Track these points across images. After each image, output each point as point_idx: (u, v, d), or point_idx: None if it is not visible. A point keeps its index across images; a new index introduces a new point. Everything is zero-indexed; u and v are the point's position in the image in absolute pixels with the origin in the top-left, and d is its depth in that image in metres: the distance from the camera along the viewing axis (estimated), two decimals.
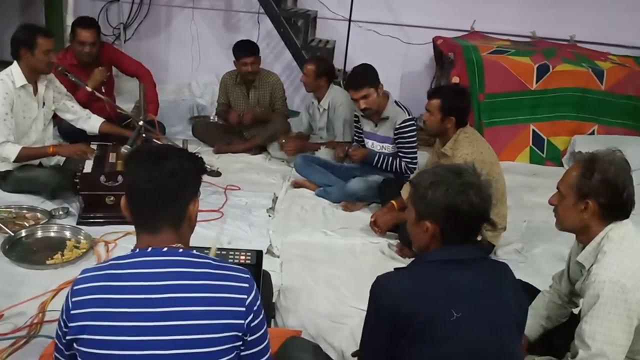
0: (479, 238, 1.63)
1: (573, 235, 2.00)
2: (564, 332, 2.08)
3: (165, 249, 1.37)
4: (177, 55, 5.91)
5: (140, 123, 3.55)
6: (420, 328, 1.46)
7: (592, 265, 1.83)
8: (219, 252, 2.22)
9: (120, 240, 2.99)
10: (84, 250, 2.84)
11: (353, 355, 2.10)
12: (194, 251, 1.41)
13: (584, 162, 1.88)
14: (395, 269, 1.65)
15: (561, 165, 4.72)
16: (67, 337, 1.33)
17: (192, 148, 4.02)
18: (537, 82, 4.77)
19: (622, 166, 1.85)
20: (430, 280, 1.54)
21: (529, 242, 3.32)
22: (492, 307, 1.53)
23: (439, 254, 1.58)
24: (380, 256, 3.13)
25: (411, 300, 1.47)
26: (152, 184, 1.39)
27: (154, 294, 1.30)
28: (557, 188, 1.96)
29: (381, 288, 1.54)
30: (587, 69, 4.79)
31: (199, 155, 1.55)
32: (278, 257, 3.03)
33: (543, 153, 4.85)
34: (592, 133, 4.85)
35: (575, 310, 2.15)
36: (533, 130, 4.86)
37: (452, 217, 1.55)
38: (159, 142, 3.56)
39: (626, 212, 1.86)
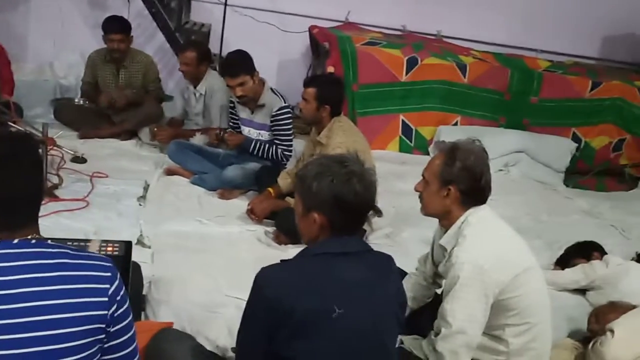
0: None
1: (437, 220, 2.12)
2: (428, 311, 2.20)
3: (16, 240, 1.27)
4: (38, 32, 5.40)
5: None
6: (300, 323, 1.45)
7: (453, 248, 1.95)
8: (76, 243, 2.05)
9: None
10: None
11: (233, 350, 2.05)
12: (49, 241, 1.32)
13: (446, 151, 2.00)
14: (281, 260, 1.61)
15: (428, 154, 4.92)
16: None
17: (53, 132, 3.71)
18: (406, 74, 4.96)
19: (481, 155, 1.99)
20: (315, 274, 1.53)
21: (398, 227, 3.47)
22: (374, 303, 1.55)
23: (326, 246, 1.57)
24: (257, 244, 3.12)
25: (294, 295, 1.46)
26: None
27: (5, 289, 1.21)
28: (422, 175, 2.06)
29: (265, 280, 1.50)
30: (452, 63, 5.06)
31: (23, 131, 1.44)
32: (149, 247, 2.91)
33: (411, 142, 5.06)
34: (456, 124, 5.13)
35: (439, 291, 2.28)
36: (402, 120, 5.06)
37: (338, 207, 1.55)
38: (15, 126, 3.28)
39: (484, 198, 2.01)
